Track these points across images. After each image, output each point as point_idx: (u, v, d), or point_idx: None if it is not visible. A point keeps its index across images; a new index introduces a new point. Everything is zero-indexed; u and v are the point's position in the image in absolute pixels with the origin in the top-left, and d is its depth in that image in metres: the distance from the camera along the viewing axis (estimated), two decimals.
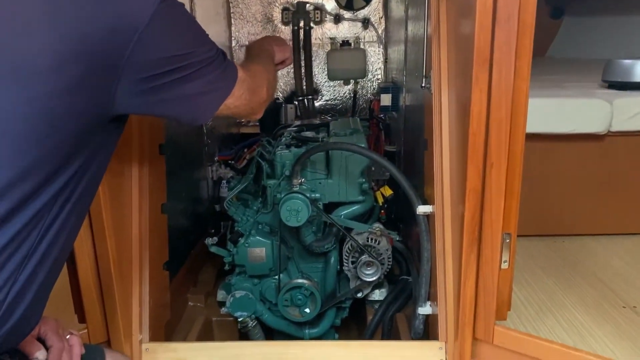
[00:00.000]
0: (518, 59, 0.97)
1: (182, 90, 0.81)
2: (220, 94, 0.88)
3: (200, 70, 0.82)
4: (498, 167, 1.01)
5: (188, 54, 0.80)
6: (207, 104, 0.87)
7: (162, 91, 0.79)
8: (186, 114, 0.86)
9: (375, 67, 2.72)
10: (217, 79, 0.87)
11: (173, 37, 0.79)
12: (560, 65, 2.74)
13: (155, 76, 0.77)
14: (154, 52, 0.75)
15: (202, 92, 0.85)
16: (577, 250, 1.71)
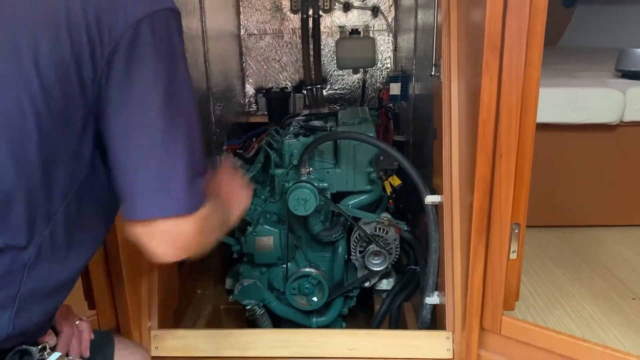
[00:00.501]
0: (529, 46, 0.96)
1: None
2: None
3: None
4: (508, 157, 1.00)
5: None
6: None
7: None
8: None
9: (385, 55, 2.70)
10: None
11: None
12: (572, 54, 2.70)
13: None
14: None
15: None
16: (587, 241, 1.70)
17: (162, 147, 0.68)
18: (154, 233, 0.70)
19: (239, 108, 2.67)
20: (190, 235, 0.71)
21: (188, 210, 0.69)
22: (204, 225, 0.73)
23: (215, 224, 0.79)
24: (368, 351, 1.24)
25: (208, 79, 2.04)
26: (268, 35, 2.71)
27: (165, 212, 0.69)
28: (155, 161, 0.68)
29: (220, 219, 0.81)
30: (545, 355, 1.06)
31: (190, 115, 0.73)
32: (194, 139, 0.72)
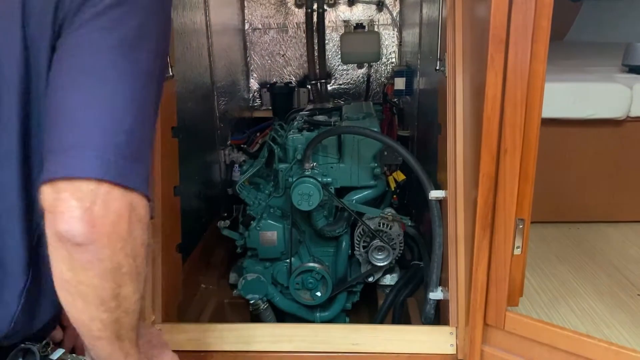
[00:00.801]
0: (535, 41, 0.95)
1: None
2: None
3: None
4: (513, 152, 0.99)
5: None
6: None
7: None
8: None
9: (390, 50, 2.69)
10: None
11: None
12: (579, 49, 2.68)
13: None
14: None
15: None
16: (593, 237, 1.69)
17: (105, 98, 0.58)
18: (63, 194, 0.55)
19: (243, 103, 2.67)
20: (113, 214, 0.56)
21: (118, 177, 0.56)
22: (134, 215, 0.58)
23: (142, 256, 0.62)
24: (371, 346, 1.23)
25: (212, 74, 2.04)
26: (272, 29, 2.71)
27: (87, 171, 0.55)
28: (93, 111, 0.57)
29: (145, 266, 0.63)
30: (549, 351, 1.05)
31: (148, 81, 0.62)
32: (143, 108, 0.61)
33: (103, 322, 0.61)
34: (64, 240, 0.56)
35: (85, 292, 0.58)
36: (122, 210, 0.57)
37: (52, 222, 0.56)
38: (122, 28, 0.60)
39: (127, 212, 0.57)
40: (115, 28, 0.60)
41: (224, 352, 1.25)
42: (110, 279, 0.58)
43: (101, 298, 0.59)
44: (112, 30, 0.59)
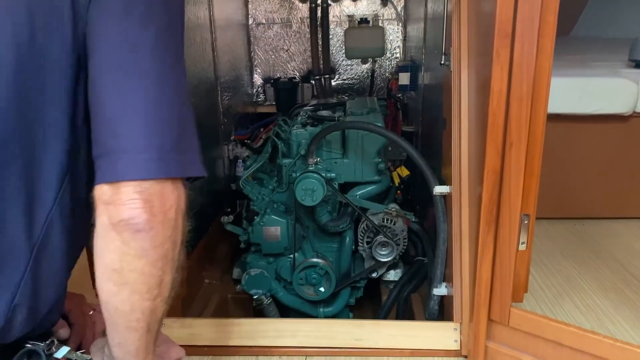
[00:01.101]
0: (541, 35, 0.94)
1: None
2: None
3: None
4: (518, 147, 0.98)
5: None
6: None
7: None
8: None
9: (394, 45, 2.68)
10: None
11: None
12: (585, 44, 2.66)
13: None
14: None
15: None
16: (598, 233, 1.68)
17: (151, 98, 0.60)
18: (124, 189, 0.59)
19: (246, 98, 2.67)
20: (167, 204, 0.61)
21: (173, 172, 0.61)
22: (181, 205, 0.63)
23: (179, 245, 0.65)
24: (375, 341, 1.23)
25: (216, 69, 2.04)
26: (276, 24, 2.70)
27: (151, 173, 0.59)
28: (144, 112, 0.60)
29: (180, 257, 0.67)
30: (554, 347, 1.05)
31: (181, 67, 0.65)
32: (184, 94, 0.65)
33: (143, 312, 0.64)
34: (122, 229, 0.60)
35: (135, 280, 0.62)
36: (173, 201, 0.62)
37: (112, 213, 0.60)
38: (155, 18, 0.62)
39: (176, 203, 0.62)
40: (149, 18, 0.61)
41: (227, 346, 1.26)
42: (160, 266, 0.63)
43: (148, 285, 0.63)
44: (147, 22, 0.61)
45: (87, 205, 0.68)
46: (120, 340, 0.67)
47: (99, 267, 0.63)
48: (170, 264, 0.64)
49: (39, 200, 0.64)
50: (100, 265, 0.62)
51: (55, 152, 0.64)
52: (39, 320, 0.69)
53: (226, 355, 1.24)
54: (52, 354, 0.72)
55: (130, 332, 0.66)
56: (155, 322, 0.68)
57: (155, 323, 0.68)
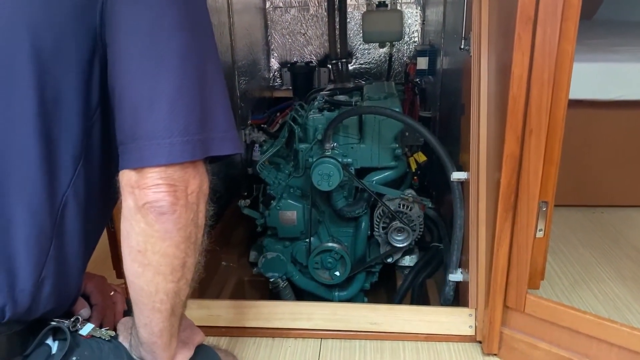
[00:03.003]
0: (564, 19, 0.92)
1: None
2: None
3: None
4: (538, 133, 0.97)
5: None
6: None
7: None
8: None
9: (412, 29, 2.64)
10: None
11: None
12: (608, 28, 2.59)
13: None
14: None
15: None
16: (617, 221, 1.66)
17: (175, 80, 0.60)
18: (150, 174, 0.60)
19: (263, 82, 2.67)
20: (191, 187, 0.63)
21: (197, 155, 0.62)
22: (203, 189, 0.65)
23: (203, 228, 0.67)
24: (389, 326, 1.24)
25: (233, 53, 2.04)
26: (294, 8, 2.68)
27: (173, 158, 0.60)
28: (166, 97, 0.60)
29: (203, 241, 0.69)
30: (570, 334, 1.05)
31: (206, 41, 0.65)
32: (210, 72, 0.65)
33: (167, 293, 0.66)
34: (147, 212, 0.61)
35: (158, 262, 0.64)
36: (195, 186, 0.64)
37: (138, 196, 0.62)
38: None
39: (199, 187, 0.64)
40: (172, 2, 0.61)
41: (244, 328, 1.28)
42: (183, 249, 0.64)
43: (172, 267, 0.65)
44: (163, 3, 0.60)
45: (102, 190, 0.70)
46: (145, 321, 0.69)
47: (125, 248, 0.65)
48: (193, 247, 0.66)
49: (56, 181, 0.65)
50: (126, 247, 0.64)
51: (72, 133, 0.65)
52: (61, 296, 0.70)
53: (243, 336, 1.27)
54: (77, 331, 0.73)
55: (154, 313, 0.68)
56: (180, 305, 0.70)
57: (180, 305, 0.70)
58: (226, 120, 0.67)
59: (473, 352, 1.16)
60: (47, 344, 0.70)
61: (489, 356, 1.15)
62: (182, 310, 0.72)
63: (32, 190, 0.63)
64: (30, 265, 0.64)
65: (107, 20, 0.62)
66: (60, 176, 0.65)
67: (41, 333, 0.69)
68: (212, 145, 0.64)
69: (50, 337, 0.71)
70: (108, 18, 0.62)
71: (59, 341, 0.71)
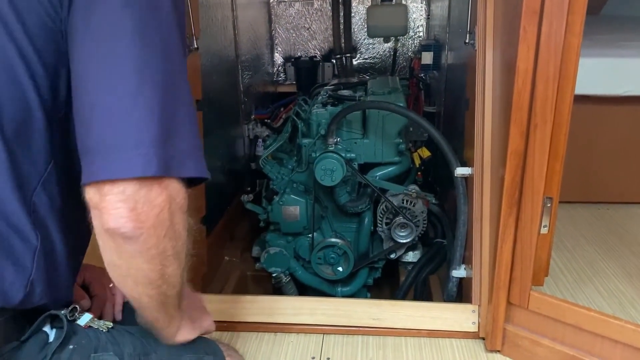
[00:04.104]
0: (571, 12, 0.90)
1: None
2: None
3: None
4: (543, 128, 0.96)
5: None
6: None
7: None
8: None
9: (417, 24, 2.63)
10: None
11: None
12: (615, 23, 2.57)
13: None
14: None
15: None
16: (623, 218, 1.64)
17: (132, 91, 0.56)
18: (108, 197, 0.57)
19: (267, 77, 2.66)
20: (157, 208, 0.58)
21: (158, 170, 0.57)
22: (174, 204, 0.61)
23: (183, 240, 0.65)
24: (392, 322, 1.24)
25: (237, 47, 2.03)
26: (298, 2, 2.67)
27: (128, 172, 0.56)
28: (125, 108, 0.56)
29: (186, 245, 0.67)
30: (574, 331, 1.04)
31: (170, 54, 0.60)
32: (173, 85, 0.60)
33: (151, 297, 0.67)
34: (112, 235, 0.60)
35: (135, 274, 0.64)
36: (164, 203, 0.60)
37: (100, 219, 0.59)
38: (135, 5, 0.58)
39: (168, 203, 0.60)
40: (128, 5, 0.57)
41: (246, 322, 1.28)
42: (157, 262, 0.63)
43: (149, 279, 0.65)
44: (124, 7, 0.57)
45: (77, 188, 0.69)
46: (139, 311, 0.71)
47: (104, 261, 0.65)
48: (172, 258, 0.64)
49: (26, 180, 0.64)
50: (105, 260, 0.65)
51: (41, 136, 0.64)
52: (55, 292, 0.71)
53: (245, 331, 1.26)
54: (74, 320, 0.74)
55: (144, 309, 0.70)
56: (170, 300, 0.70)
57: (171, 300, 0.70)
58: (191, 139, 0.62)
59: (476, 348, 1.16)
60: (45, 331, 0.71)
61: (492, 353, 1.14)
62: (177, 301, 0.72)
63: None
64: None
65: (69, 28, 0.59)
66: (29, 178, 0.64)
67: (38, 320, 0.69)
68: (173, 164, 0.59)
69: (48, 324, 0.71)
70: (70, 26, 0.59)
71: (56, 329, 0.71)
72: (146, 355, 0.75)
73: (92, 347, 0.72)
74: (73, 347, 0.70)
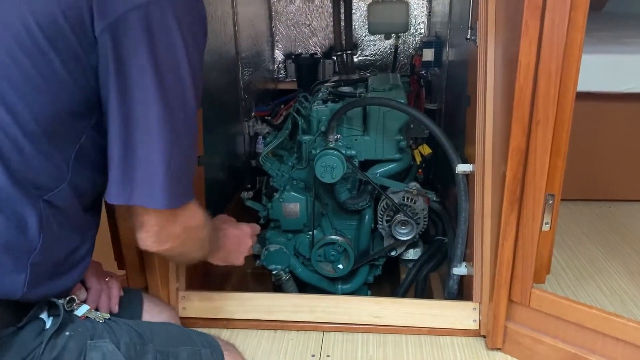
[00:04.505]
0: (573, 7, 0.90)
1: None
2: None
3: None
4: (545, 124, 0.95)
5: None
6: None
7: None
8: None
9: (418, 20, 2.61)
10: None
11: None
12: (618, 20, 2.56)
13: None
14: None
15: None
16: (625, 216, 1.64)
17: (158, 137, 0.70)
18: (137, 219, 0.75)
19: (267, 74, 2.65)
20: (172, 231, 0.77)
21: (178, 202, 0.75)
22: (189, 223, 0.80)
23: (203, 235, 0.88)
24: (392, 319, 1.23)
25: (237, 44, 2.02)
26: None
27: (147, 203, 0.73)
28: (154, 151, 0.70)
29: (209, 235, 0.91)
30: (575, 329, 1.03)
31: (183, 115, 0.73)
32: (183, 135, 0.73)
33: (192, 259, 0.96)
34: (140, 243, 0.79)
35: (175, 260, 1.03)
36: (182, 224, 0.80)
37: (134, 230, 0.78)
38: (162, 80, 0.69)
39: (185, 224, 0.80)
40: (153, 55, 0.67)
41: (246, 320, 1.27)
42: (185, 255, 0.90)
43: (185, 260, 1.00)
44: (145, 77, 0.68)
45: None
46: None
47: None
48: (198, 245, 0.90)
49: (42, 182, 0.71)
50: None
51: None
52: (56, 287, 0.73)
53: (245, 328, 1.26)
54: (72, 311, 0.76)
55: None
56: (197, 258, 0.97)
57: (198, 258, 0.97)
58: (191, 176, 0.80)
59: (477, 346, 1.15)
60: (42, 319, 0.72)
61: (493, 351, 1.14)
62: (206, 243, 0.93)
63: None
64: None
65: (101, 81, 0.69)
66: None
67: (36, 306, 0.71)
68: (183, 197, 0.77)
69: (45, 312, 0.73)
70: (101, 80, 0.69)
71: (53, 317, 0.73)
72: (143, 345, 0.76)
73: (88, 334, 0.74)
74: (69, 333, 0.72)
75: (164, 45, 0.68)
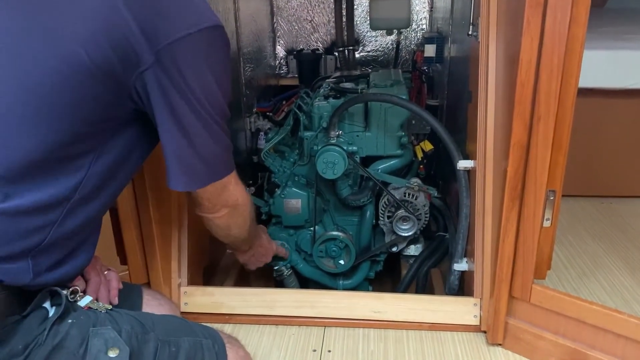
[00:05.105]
0: (575, 3, 0.90)
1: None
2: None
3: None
4: (546, 120, 0.95)
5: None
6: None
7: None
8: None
9: (420, 16, 2.61)
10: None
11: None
12: (621, 16, 2.55)
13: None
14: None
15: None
16: (626, 212, 1.64)
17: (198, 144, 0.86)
18: (201, 200, 0.95)
19: (269, 70, 2.64)
20: (232, 189, 0.96)
21: (230, 170, 0.94)
22: (233, 195, 0.97)
23: (246, 214, 1.06)
24: (394, 314, 1.24)
25: (238, 39, 2.02)
26: None
27: (216, 177, 0.91)
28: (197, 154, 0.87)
29: (252, 221, 1.11)
30: (576, 325, 1.04)
31: (219, 126, 0.93)
32: (220, 139, 0.93)
33: (236, 237, 1.13)
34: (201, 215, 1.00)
35: (222, 233, 1.09)
36: (224, 200, 0.99)
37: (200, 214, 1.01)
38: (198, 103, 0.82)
39: (226, 201, 0.99)
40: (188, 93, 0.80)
41: (247, 315, 1.28)
42: (231, 228, 1.08)
43: (230, 235, 1.10)
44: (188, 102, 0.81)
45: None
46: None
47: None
48: (240, 225, 1.09)
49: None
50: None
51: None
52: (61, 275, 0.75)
53: (246, 323, 1.27)
54: (75, 302, 0.77)
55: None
56: (251, 229, 1.15)
57: (251, 229, 1.15)
58: (230, 160, 0.98)
59: (477, 342, 1.15)
60: (45, 307, 0.74)
61: (493, 346, 1.14)
62: (246, 239, 1.18)
63: None
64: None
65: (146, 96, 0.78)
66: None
67: (39, 294, 0.73)
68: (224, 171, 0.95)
69: (48, 301, 0.75)
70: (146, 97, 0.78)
71: (56, 306, 0.74)
72: (144, 334, 0.77)
73: (90, 322, 0.75)
74: (72, 321, 0.73)
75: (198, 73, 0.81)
